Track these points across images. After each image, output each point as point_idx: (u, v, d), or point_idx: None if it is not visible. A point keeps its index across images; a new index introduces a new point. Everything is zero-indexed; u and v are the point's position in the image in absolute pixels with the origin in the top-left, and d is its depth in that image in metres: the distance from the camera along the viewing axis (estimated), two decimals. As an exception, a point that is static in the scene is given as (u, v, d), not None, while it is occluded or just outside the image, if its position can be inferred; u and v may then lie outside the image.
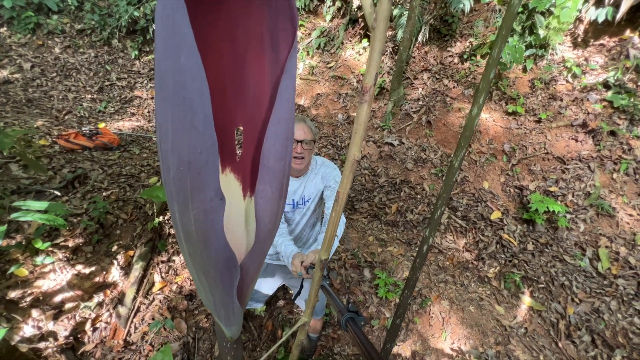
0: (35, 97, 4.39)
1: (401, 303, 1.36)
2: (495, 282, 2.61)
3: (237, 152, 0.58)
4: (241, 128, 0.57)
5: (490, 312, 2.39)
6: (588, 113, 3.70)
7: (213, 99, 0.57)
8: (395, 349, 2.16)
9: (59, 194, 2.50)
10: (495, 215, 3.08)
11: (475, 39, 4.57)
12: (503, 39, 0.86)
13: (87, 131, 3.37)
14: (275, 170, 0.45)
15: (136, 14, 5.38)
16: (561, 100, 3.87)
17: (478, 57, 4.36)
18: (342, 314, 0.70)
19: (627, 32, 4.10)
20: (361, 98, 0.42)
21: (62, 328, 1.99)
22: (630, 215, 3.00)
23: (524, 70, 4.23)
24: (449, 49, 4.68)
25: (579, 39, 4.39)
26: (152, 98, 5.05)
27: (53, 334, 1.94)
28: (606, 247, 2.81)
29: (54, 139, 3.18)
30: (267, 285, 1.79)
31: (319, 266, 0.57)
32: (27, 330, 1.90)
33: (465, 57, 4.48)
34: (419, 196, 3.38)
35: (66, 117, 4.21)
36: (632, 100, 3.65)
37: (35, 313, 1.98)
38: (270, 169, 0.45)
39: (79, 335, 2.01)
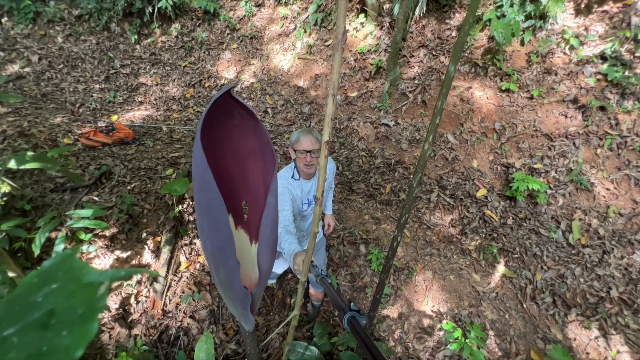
0: (49, 91, 4.62)
1: (379, 284, 1.73)
2: (475, 254, 2.97)
3: (244, 215, 0.88)
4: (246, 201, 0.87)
5: (468, 280, 2.78)
6: (581, 88, 3.77)
7: (227, 186, 0.88)
8: (385, 312, 2.60)
9: (96, 198, 2.88)
10: (481, 193, 3.36)
11: (475, 9, 4.47)
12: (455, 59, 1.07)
13: (104, 126, 3.65)
14: (269, 242, 0.77)
15: (131, -4, 5.34)
16: (556, 74, 3.91)
17: (477, 31, 4.33)
18: (344, 312, 0.69)
19: (632, -3, 3.98)
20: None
21: (113, 302, 2.47)
22: (607, 189, 3.24)
23: (522, 43, 4.20)
24: (447, 21, 4.62)
25: (582, 5, 4.27)
26: (156, 85, 5.21)
27: (107, 307, 2.42)
28: (580, 219, 3.10)
29: (76, 138, 3.48)
30: (277, 265, 2.20)
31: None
32: (86, 305, 2.37)
33: (463, 30, 4.43)
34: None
35: (80, 109, 4.47)
36: (626, 72, 3.68)
37: (89, 292, 2.45)
38: (265, 241, 0.76)
39: (126, 307, 2.49)
